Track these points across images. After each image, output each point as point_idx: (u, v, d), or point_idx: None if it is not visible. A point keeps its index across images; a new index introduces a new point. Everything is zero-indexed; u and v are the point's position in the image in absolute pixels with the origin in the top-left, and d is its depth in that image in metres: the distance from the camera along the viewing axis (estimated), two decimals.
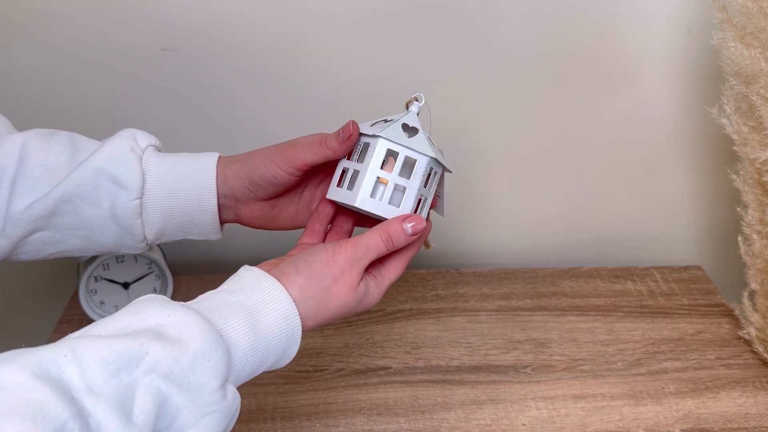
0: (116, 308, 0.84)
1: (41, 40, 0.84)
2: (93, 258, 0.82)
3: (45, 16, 0.82)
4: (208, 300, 0.51)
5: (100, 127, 0.89)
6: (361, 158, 0.59)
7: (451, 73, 0.88)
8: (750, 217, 0.80)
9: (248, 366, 0.49)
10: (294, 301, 0.52)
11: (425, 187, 0.60)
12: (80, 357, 0.41)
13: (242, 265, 0.95)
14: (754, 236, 0.80)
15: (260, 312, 0.50)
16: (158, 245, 0.88)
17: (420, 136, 0.59)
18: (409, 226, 0.57)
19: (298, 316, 0.52)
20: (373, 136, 0.58)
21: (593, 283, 0.95)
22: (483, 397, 0.76)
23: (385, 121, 0.60)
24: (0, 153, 0.58)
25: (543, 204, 0.98)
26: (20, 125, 0.67)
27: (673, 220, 1.01)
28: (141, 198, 0.59)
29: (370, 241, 0.56)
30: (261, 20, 0.83)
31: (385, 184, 0.58)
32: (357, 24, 0.84)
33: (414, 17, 0.84)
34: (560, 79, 0.89)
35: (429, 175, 0.60)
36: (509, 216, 0.99)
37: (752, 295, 0.84)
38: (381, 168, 0.58)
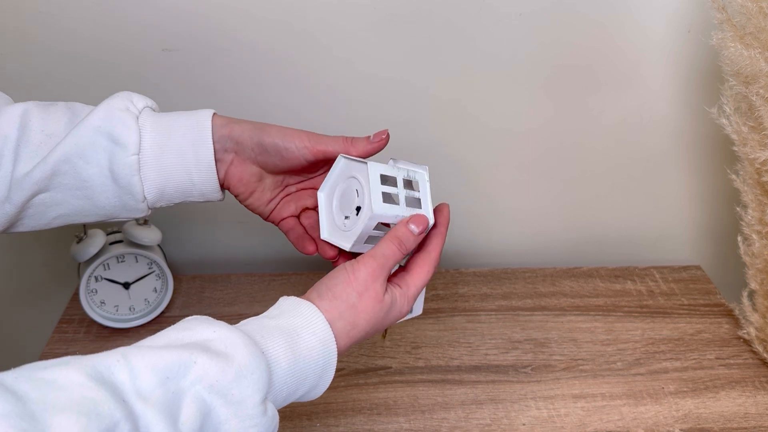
0: (116, 308, 0.85)
1: (41, 41, 0.84)
2: (93, 258, 0.82)
3: (45, 16, 0.82)
4: (249, 323, 0.52)
5: None
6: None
7: (451, 72, 0.88)
8: (749, 217, 0.80)
9: (286, 387, 0.50)
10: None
11: (413, 189, 0.61)
12: (132, 364, 0.44)
13: (241, 266, 0.95)
14: (754, 236, 0.80)
15: (299, 336, 0.52)
16: (159, 246, 0.88)
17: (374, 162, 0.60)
18: (414, 227, 0.58)
19: (335, 341, 0.53)
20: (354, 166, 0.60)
21: (593, 283, 0.95)
22: (483, 397, 0.76)
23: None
24: (2, 122, 0.59)
25: (543, 204, 0.99)
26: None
27: (673, 220, 1.01)
28: (138, 154, 0.59)
29: (385, 250, 0.57)
30: (261, 20, 0.83)
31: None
32: (358, 23, 0.84)
33: (414, 17, 0.84)
34: (560, 79, 0.89)
35: (410, 181, 0.61)
36: (509, 216, 0.99)
37: (752, 294, 0.84)
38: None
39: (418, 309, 0.63)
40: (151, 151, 0.60)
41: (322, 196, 0.62)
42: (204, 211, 0.96)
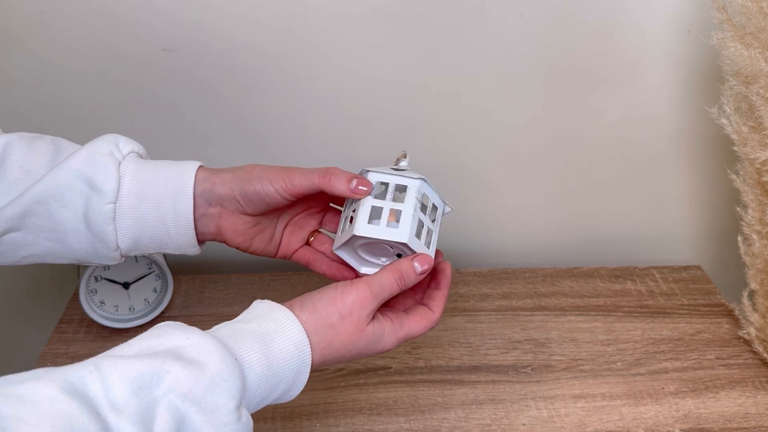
0: (116, 308, 0.85)
1: (41, 40, 0.84)
2: None
3: (44, 16, 0.82)
4: (222, 328, 0.52)
5: (99, 127, 0.89)
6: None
7: (450, 73, 0.88)
8: (750, 217, 0.80)
9: (259, 392, 0.50)
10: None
11: (425, 214, 0.59)
12: (104, 375, 0.43)
13: (241, 266, 0.95)
14: (754, 236, 0.80)
15: (273, 339, 0.52)
16: None
17: (409, 172, 0.59)
18: (417, 265, 0.58)
19: (309, 346, 0.53)
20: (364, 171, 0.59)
21: (593, 283, 0.95)
22: (483, 397, 0.76)
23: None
24: None
25: (543, 204, 0.99)
26: (19, 125, 0.67)
27: (673, 220, 1.01)
28: (115, 203, 0.58)
29: (384, 280, 0.56)
30: (261, 21, 0.83)
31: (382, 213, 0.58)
32: (357, 24, 0.84)
33: (414, 17, 0.84)
34: (560, 78, 0.89)
35: (427, 206, 0.60)
36: (509, 216, 0.99)
37: (752, 295, 0.84)
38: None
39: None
40: (128, 200, 0.58)
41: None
42: None
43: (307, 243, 0.67)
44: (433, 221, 0.61)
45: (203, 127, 0.90)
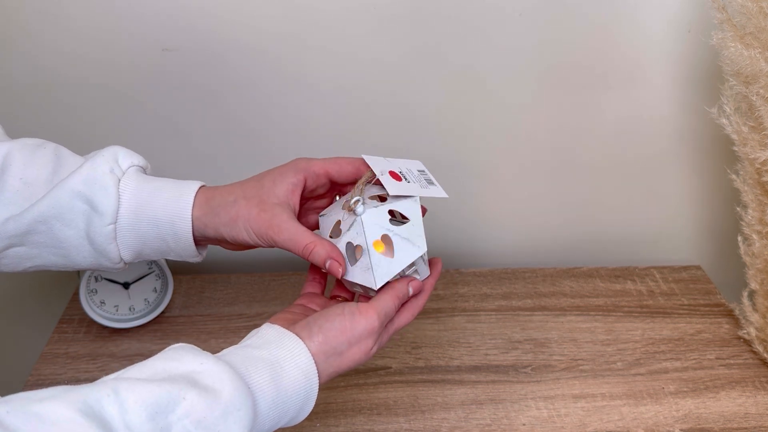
0: (116, 308, 0.85)
1: (40, 41, 0.84)
2: None
3: (44, 16, 0.82)
4: (234, 353, 0.53)
5: (99, 127, 0.89)
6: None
7: (450, 72, 0.88)
8: (750, 217, 0.80)
9: (268, 420, 0.51)
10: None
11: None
12: (122, 398, 0.44)
13: (241, 266, 0.95)
14: (754, 236, 0.80)
15: (282, 368, 0.52)
16: None
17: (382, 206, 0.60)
18: (411, 289, 0.60)
19: (317, 375, 0.54)
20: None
21: (593, 283, 0.95)
22: (483, 397, 0.76)
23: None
24: None
25: (543, 204, 0.98)
26: (18, 125, 0.67)
27: (673, 220, 1.01)
28: (114, 223, 0.59)
29: (388, 308, 0.58)
30: (261, 20, 0.83)
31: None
32: (357, 24, 0.84)
33: (413, 17, 0.84)
34: (560, 78, 0.89)
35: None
36: (509, 216, 0.99)
37: (752, 294, 0.84)
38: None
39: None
40: (127, 220, 0.59)
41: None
42: None
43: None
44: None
45: (203, 127, 0.90)
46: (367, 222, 0.58)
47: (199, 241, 0.62)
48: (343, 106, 0.89)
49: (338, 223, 0.61)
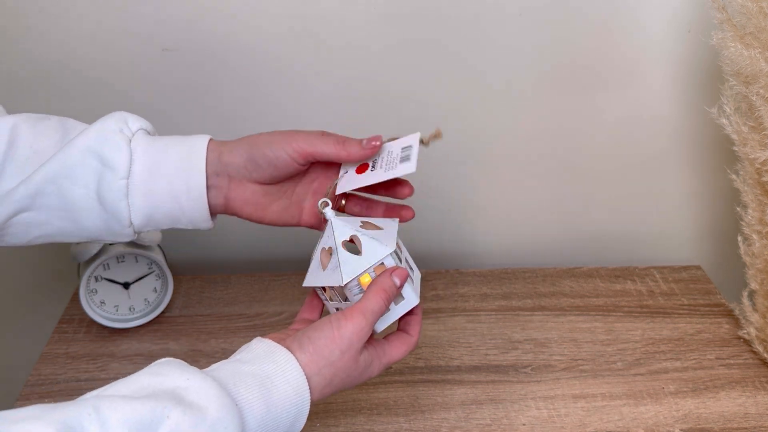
0: (116, 308, 0.85)
1: (40, 41, 0.84)
2: (93, 258, 0.82)
3: (44, 16, 0.82)
4: (222, 368, 0.51)
5: None
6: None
7: (450, 72, 0.88)
8: (750, 217, 0.80)
9: None
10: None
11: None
12: (104, 417, 0.42)
13: (241, 266, 0.95)
14: (754, 236, 0.80)
15: (272, 383, 0.51)
16: (159, 246, 0.88)
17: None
18: (397, 279, 0.58)
19: (308, 391, 0.53)
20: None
21: (593, 283, 0.95)
22: (483, 397, 0.76)
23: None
24: None
25: (543, 204, 0.99)
26: None
27: (673, 220, 1.01)
28: (127, 179, 0.57)
29: (374, 305, 0.56)
30: (261, 20, 0.83)
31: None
32: (357, 24, 0.84)
33: (413, 17, 0.84)
34: (560, 78, 0.89)
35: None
36: (509, 216, 0.99)
37: (752, 294, 0.84)
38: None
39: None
40: (140, 176, 0.58)
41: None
42: None
43: (340, 209, 0.67)
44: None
45: (203, 127, 0.90)
46: (337, 224, 0.59)
47: (214, 201, 0.61)
48: (343, 106, 0.89)
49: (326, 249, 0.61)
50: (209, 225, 0.62)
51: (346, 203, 0.66)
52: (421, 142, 0.62)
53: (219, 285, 0.94)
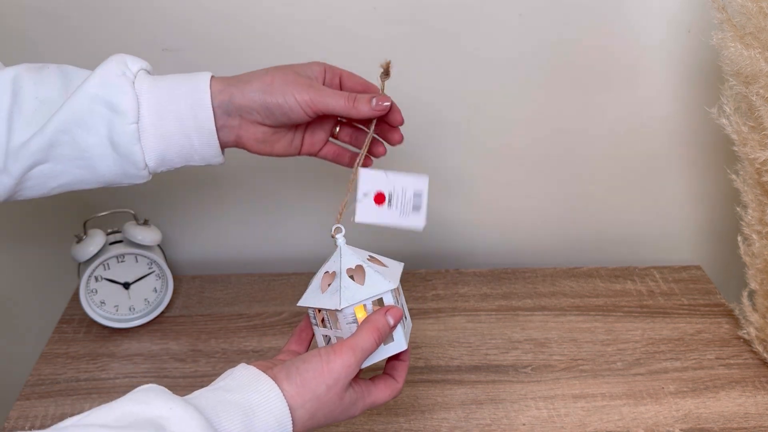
0: (116, 308, 0.85)
1: (40, 41, 0.84)
2: (93, 258, 0.82)
3: (44, 16, 0.82)
4: (204, 396, 0.51)
5: None
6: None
7: (450, 73, 0.88)
8: (750, 217, 0.80)
9: None
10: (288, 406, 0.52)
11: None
12: None
13: (241, 266, 0.95)
14: (754, 236, 0.80)
15: (255, 414, 0.50)
16: (159, 246, 0.88)
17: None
18: (390, 319, 0.58)
19: (291, 422, 0.52)
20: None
21: (593, 283, 0.95)
22: (483, 397, 0.76)
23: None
24: None
25: (543, 204, 0.99)
26: None
27: (673, 220, 1.01)
28: (137, 122, 0.58)
29: (365, 343, 0.56)
30: (261, 20, 0.83)
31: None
32: (358, 24, 0.84)
33: (413, 17, 0.84)
34: (560, 78, 0.89)
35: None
36: (509, 216, 0.99)
37: (752, 294, 0.84)
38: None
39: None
40: (149, 119, 0.58)
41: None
42: (204, 211, 0.97)
43: (333, 136, 0.68)
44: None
45: None
46: (345, 251, 0.60)
47: (220, 134, 0.61)
48: None
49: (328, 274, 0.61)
50: (221, 160, 0.63)
51: (339, 131, 0.68)
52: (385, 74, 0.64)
53: (219, 285, 0.94)
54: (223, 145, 0.62)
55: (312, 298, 0.60)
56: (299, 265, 0.98)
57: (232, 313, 0.89)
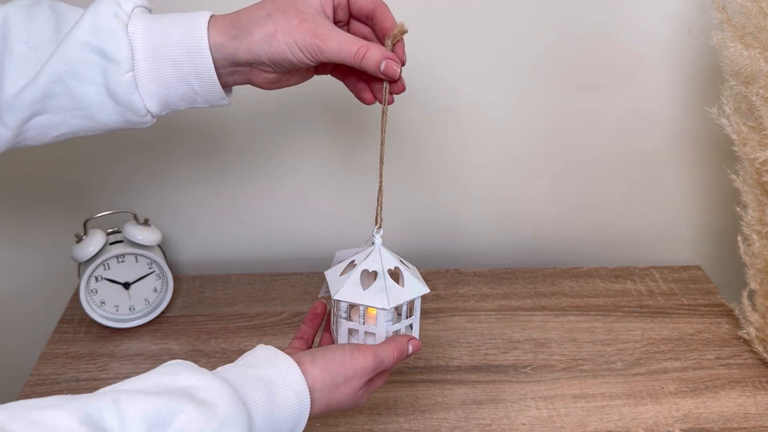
0: (116, 308, 0.85)
1: None
2: (93, 258, 0.82)
3: None
4: (228, 371, 0.53)
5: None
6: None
7: (450, 72, 0.88)
8: (749, 217, 0.80)
9: None
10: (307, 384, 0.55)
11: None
12: (122, 409, 0.44)
13: (241, 266, 0.95)
14: (754, 236, 0.80)
15: (276, 387, 0.53)
16: (159, 246, 0.88)
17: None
18: (411, 348, 0.61)
19: (309, 396, 0.54)
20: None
21: (593, 283, 0.95)
22: (483, 397, 0.76)
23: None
24: None
25: (543, 204, 0.99)
26: None
27: (673, 220, 1.01)
28: (133, 70, 0.55)
29: (386, 356, 0.59)
30: None
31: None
32: None
33: (413, 17, 0.84)
34: (560, 78, 0.89)
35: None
36: (509, 216, 0.99)
37: (752, 294, 0.84)
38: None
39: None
40: (145, 65, 0.55)
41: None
42: (204, 211, 0.97)
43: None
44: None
45: (204, 127, 0.90)
46: (384, 253, 0.62)
47: (227, 78, 0.58)
48: (342, 108, 0.89)
49: (352, 262, 0.63)
50: (227, 102, 0.60)
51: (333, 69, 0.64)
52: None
53: (219, 285, 0.94)
54: (234, 85, 0.60)
55: (353, 293, 0.60)
56: (299, 265, 0.98)
57: (232, 313, 0.89)
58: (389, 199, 0.66)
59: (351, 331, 0.62)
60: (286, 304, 0.90)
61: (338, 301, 0.61)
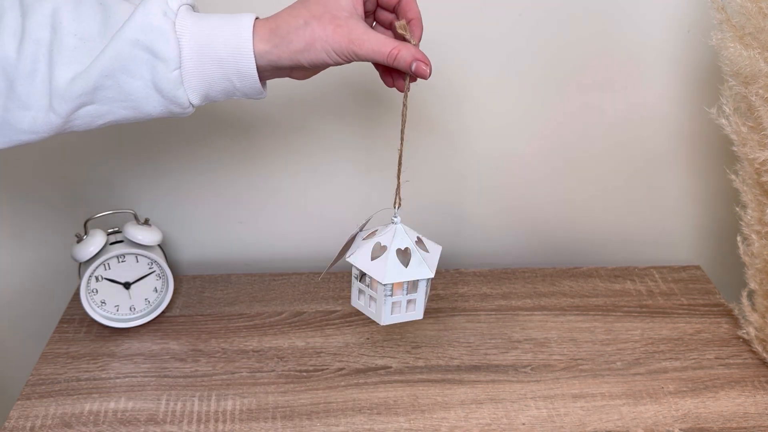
0: (117, 308, 0.85)
1: None
2: (94, 258, 0.83)
3: None
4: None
5: (102, 130, 0.89)
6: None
7: (450, 72, 0.88)
8: (749, 217, 0.80)
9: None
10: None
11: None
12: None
13: (241, 266, 0.94)
14: (753, 236, 0.80)
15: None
16: (159, 246, 0.88)
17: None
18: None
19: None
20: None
21: (593, 283, 0.95)
22: (482, 397, 0.76)
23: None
24: (32, 23, 0.58)
25: (543, 204, 0.99)
26: None
27: (672, 220, 1.01)
28: (180, 68, 0.59)
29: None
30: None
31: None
32: None
33: None
34: (560, 78, 0.89)
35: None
36: (509, 216, 0.99)
37: (751, 294, 0.84)
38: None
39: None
40: (191, 63, 0.59)
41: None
42: (204, 211, 0.97)
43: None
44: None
45: (204, 127, 0.91)
46: (400, 231, 0.65)
47: (266, 75, 0.63)
48: (342, 108, 0.90)
49: (374, 231, 0.68)
50: (264, 95, 0.64)
51: (375, 26, 0.67)
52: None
53: (219, 285, 0.94)
54: (270, 79, 0.65)
55: (361, 260, 0.65)
56: (299, 265, 0.99)
57: (233, 313, 0.89)
58: (388, 200, 0.67)
59: (361, 291, 0.67)
60: (287, 304, 0.90)
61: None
